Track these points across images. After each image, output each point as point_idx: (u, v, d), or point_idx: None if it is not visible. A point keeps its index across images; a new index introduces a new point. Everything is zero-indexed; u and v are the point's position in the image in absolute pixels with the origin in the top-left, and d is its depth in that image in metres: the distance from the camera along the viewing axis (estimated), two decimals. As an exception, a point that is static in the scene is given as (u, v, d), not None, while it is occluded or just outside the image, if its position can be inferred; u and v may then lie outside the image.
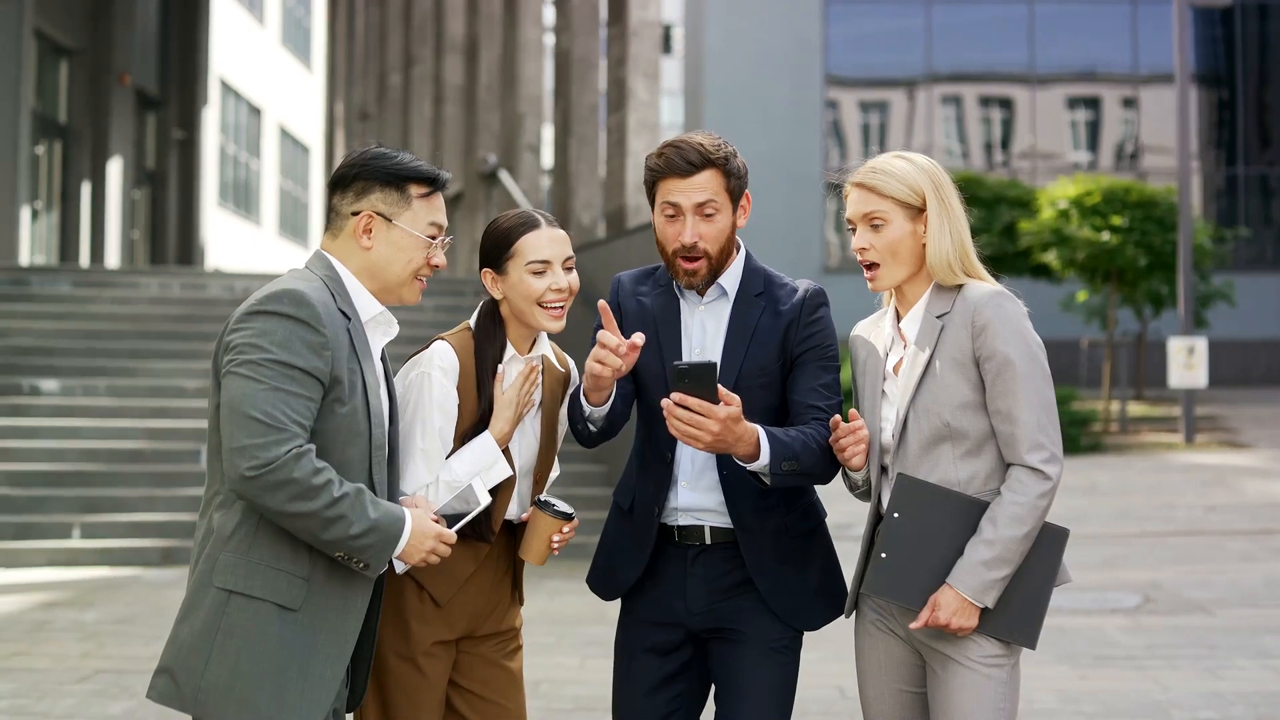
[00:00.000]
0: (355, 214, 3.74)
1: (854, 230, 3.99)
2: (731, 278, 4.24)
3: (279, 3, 44.11)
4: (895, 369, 4.00)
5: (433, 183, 3.79)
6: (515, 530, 4.25)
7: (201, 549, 3.64)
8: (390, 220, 3.74)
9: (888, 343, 4.05)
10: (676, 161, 4.11)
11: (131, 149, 28.02)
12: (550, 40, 20.19)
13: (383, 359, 3.89)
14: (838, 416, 4.06)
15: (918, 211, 3.93)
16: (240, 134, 38.61)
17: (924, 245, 3.94)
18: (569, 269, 4.17)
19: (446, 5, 24.67)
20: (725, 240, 4.17)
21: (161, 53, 30.45)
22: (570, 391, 4.31)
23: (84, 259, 25.51)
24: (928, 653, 3.96)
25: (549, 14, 20.94)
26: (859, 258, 3.97)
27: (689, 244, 4.12)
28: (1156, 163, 34.11)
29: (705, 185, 4.12)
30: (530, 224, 4.16)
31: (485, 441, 4.05)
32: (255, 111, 40.43)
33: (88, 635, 9.79)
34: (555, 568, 11.96)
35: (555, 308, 4.14)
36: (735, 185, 4.18)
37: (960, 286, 3.94)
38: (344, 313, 3.67)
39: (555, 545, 4.10)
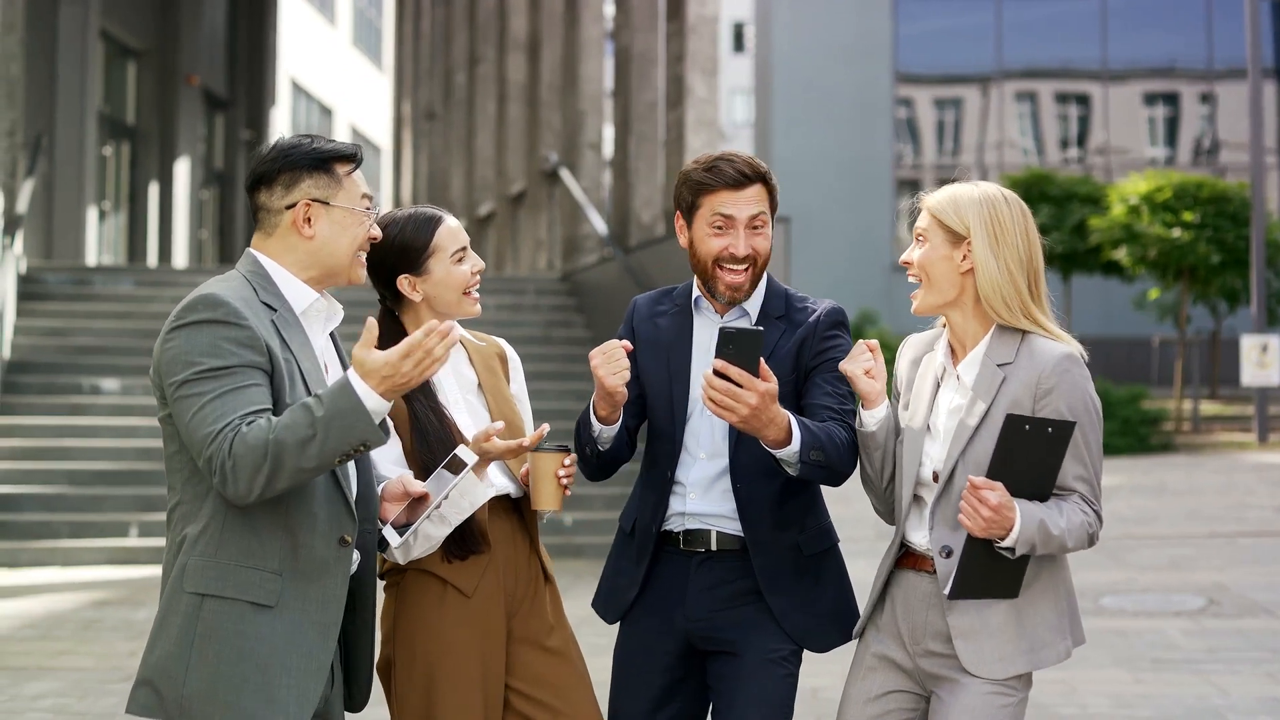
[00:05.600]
0: (290, 206, 3.68)
1: None
2: (754, 301, 4.20)
3: (350, 3, 44.30)
4: (946, 406, 3.91)
5: (352, 159, 3.75)
6: (519, 506, 4.17)
7: (173, 558, 3.58)
8: (328, 203, 3.69)
9: (939, 373, 3.96)
10: (729, 173, 4.08)
11: (199, 149, 28.18)
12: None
13: (336, 345, 3.85)
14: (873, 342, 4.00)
15: (959, 239, 3.85)
16: (311, 134, 38.80)
17: (963, 274, 3.86)
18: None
19: (509, 4, 24.63)
20: (769, 254, 4.16)
21: (229, 53, 30.61)
22: (578, 418, 4.24)
23: (151, 259, 25.65)
24: (934, 682, 3.89)
25: (609, 11, 20.85)
26: (908, 271, 3.95)
27: (742, 255, 4.08)
28: (1234, 158, 33.69)
29: (755, 198, 4.10)
30: (438, 217, 4.19)
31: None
32: (326, 112, 40.62)
33: (136, 634, 9.78)
34: (611, 568, 11.87)
35: (476, 292, 4.19)
36: (775, 204, 4.19)
37: (1024, 335, 3.85)
38: (268, 305, 3.61)
39: (564, 481, 3.99)
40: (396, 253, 4.10)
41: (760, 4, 36.23)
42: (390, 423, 3.68)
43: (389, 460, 4.02)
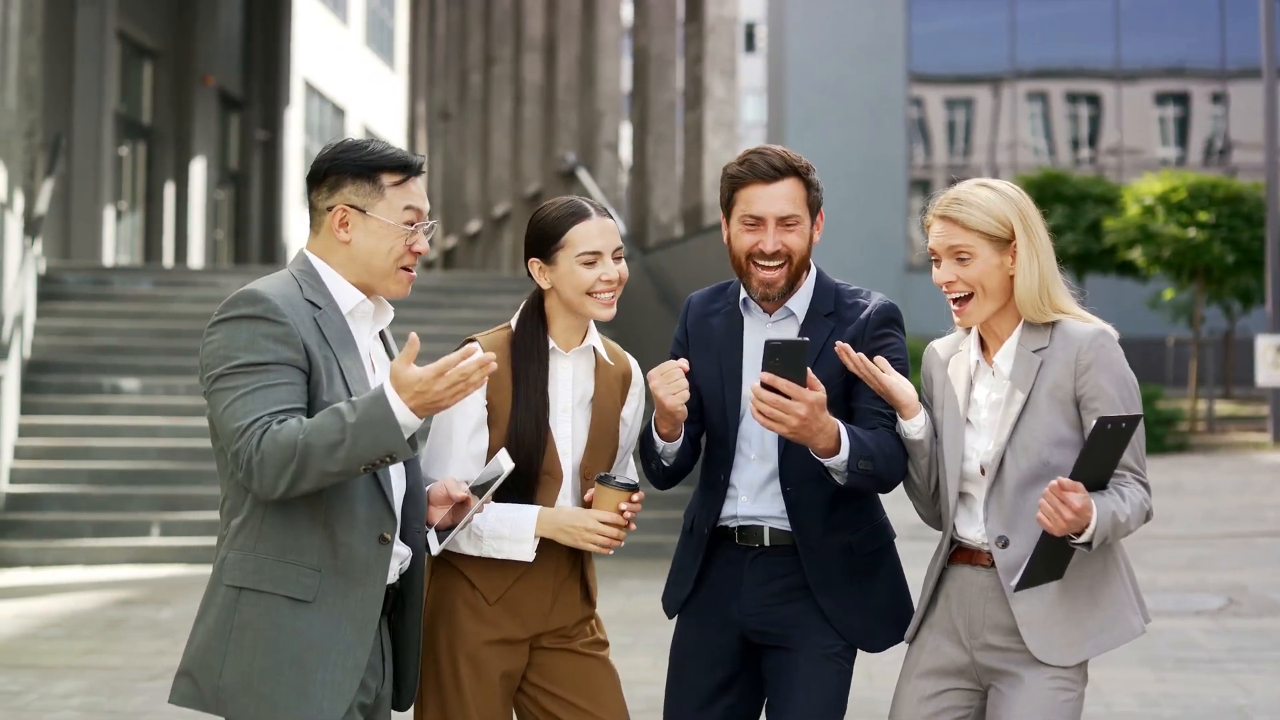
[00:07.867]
0: (330, 209, 3.70)
1: (937, 262, 3.91)
2: (801, 299, 4.19)
3: (363, 3, 44.33)
4: (985, 400, 3.92)
5: (405, 169, 3.72)
6: None
7: (218, 551, 3.64)
8: (365, 212, 3.68)
9: (972, 368, 3.97)
10: (760, 165, 4.08)
11: (215, 150, 28.20)
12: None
13: (386, 344, 3.86)
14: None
15: (1005, 243, 3.85)
16: (324, 134, 38.81)
17: (1012, 277, 3.86)
18: (618, 259, 4.08)
19: (525, 4, 24.67)
20: (806, 252, 4.14)
21: (244, 54, 30.64)
22: (642, 426, 4.23)
23: (168, 259, 25.68)
24: (993, 676, 3.90)
25: (627, 12, 20.89)
26: (945, 290, 3.89)
27: (770, 251, 4.07)
28: (1247, 158, 33.66)
29: (787, 194, 4.09)
30: (580, 214, 4.06)
31: (527, 517, 3.98)
32: (339, 112, 40.63)
33: (162, 633, 9.83)
34: (633, 567, 11.89)
35: (606, 296, 4.05)
36: (814, 198, 4.16)
37: (1055, 321, 3.87)
38: (312, 302, 3.63)
39: (626, 516, 3.95)
40: (535, 236, 4.07)
41: (773, 4, 36.24)
42: (419, 440, 3.69)
43: (466, 456, 4.00)
